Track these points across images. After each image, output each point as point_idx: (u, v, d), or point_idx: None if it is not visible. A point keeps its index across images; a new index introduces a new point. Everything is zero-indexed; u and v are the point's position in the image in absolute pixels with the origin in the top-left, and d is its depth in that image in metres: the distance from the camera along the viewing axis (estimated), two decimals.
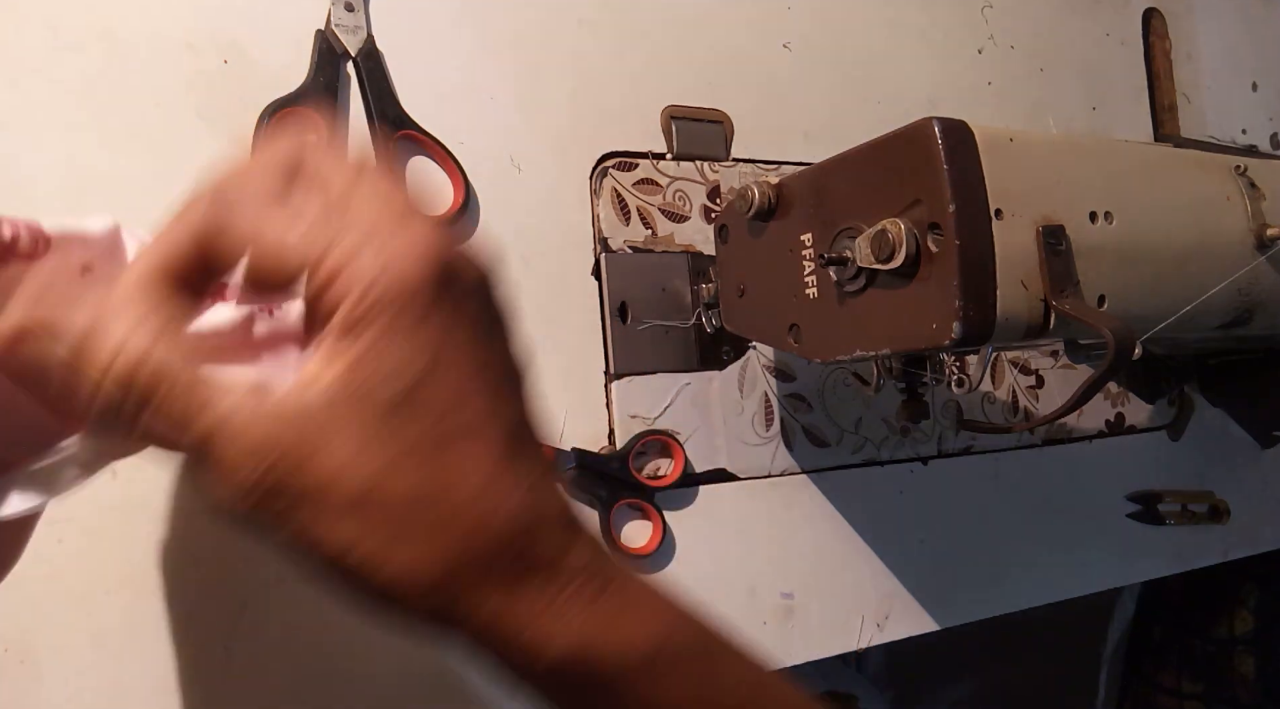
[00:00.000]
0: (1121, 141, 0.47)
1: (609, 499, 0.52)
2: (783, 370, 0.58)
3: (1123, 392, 0.73)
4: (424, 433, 0.22)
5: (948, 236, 0.37)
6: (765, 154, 0.61)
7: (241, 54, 0.46)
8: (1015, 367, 0.68)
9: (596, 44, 0.56)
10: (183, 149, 0.45)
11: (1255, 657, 1.04)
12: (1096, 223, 0.41)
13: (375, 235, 0.22)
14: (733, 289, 0.50)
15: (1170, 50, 0.80)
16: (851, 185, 0.41)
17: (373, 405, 0.21)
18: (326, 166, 0.23)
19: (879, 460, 0.61)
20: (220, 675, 0.43)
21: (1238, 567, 0.80)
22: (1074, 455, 0.70)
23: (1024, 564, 0.66)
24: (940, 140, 0.37)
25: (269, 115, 0.45)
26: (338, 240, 0.21)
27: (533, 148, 0.53)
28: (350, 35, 0.48)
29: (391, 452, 0.21)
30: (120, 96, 0.44)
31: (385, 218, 0.22)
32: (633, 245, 0.55)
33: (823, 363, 0.45)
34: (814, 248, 0.44)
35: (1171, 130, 0.79)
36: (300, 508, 0.21)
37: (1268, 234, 0.47)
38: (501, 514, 0.23)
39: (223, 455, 0.21)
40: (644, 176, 0.56)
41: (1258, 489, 0.78)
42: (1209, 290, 0.45)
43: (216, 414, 0.21)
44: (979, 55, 0.71)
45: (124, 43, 0.44)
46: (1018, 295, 0.38)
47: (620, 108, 0.56)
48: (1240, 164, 0.48)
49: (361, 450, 0.21)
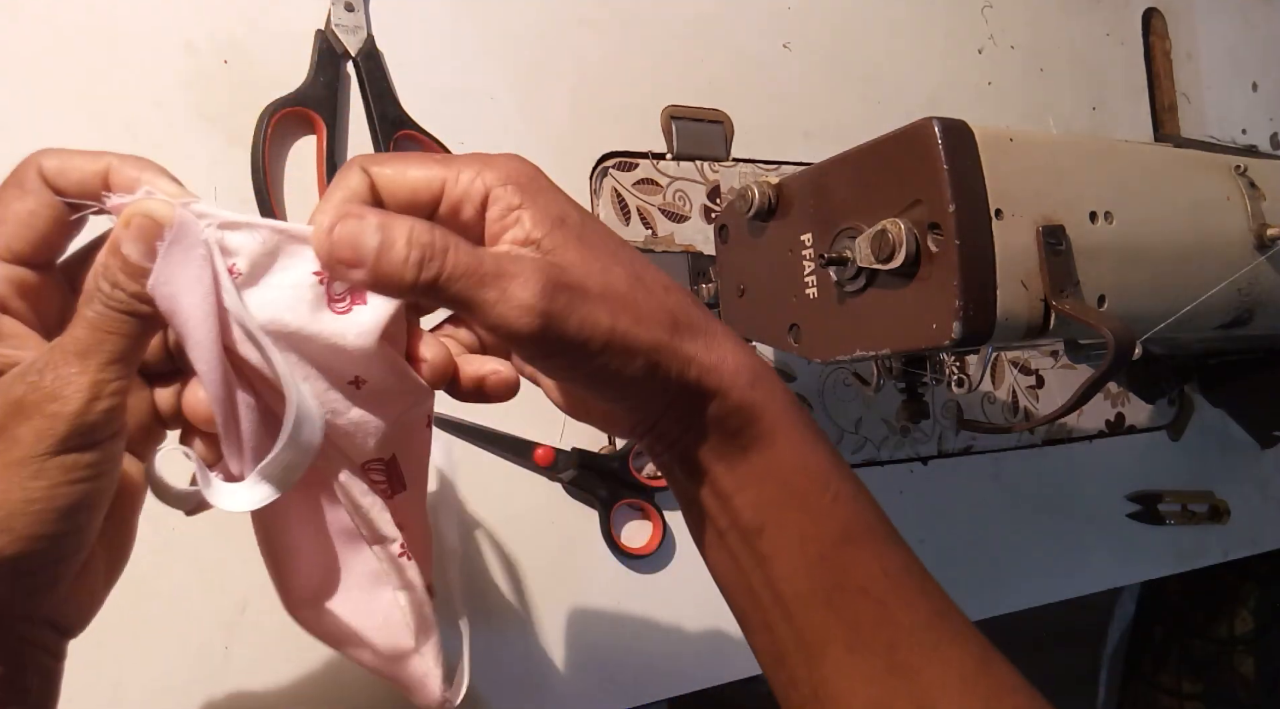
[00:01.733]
0: (1121, 141, 0.47)
1: (609, 499, 0.52)
2: (783, 370, 0.58)
3: (1123, 391, 0.73)
4: (603, 246, 0.29)
5: (948, 236, 0.37)
6: (765, 154, 0.61)
7: (241, 54, 0.47)
8: (1015, 366, 0.68)
9: (596, 44, 0.56)
10: (183, 149, 0.45)
11: (1255, 657, 1.04)
12: (1096, 223, 0.41)
13: (484, 159, 0.29)
14: (733, 289, 0.50)
15: (1170, 50, 0.80)
16: (851, 185, 0.41)
17: (570, 235, 0.28)
18: None
19: (879, 460, 0.61)
20: (220, 675, 0.43)
21: (1238, 567, 0.80)
22: (1074, 455, 0.70)
23: (1024, 564, 0.66)
24: (940, 140, 0.37)
25: (269, 115, 0.45)
26: (464, 164, 0.28)
27: (533, 148, 0.53)
28: (350, 35, 0.48)
29: (599, 265, 0.28)
30: (120, 96, 0.44)
31: (478, 154, 0.29)
32: (633, 245, 0.55)
33: (823, 363, 0.45)
34: (814, 248, 0.44)
35: (1171, 130, 0.79)
36: (575, 302, 0.27)
37: (1268, 234, 0.47)
38: (674, 291, 0.30)
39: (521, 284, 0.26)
40: (644, 176, 0.56)
41: (1258, 489, 0.78)
42: (1209, 290, 0.45)
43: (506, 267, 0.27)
44: (979, 55, 0.71)
45: (124, 42, 0.44)
46: (1018, 295, 0.38)
47: (620, 108, 0.56)
48: (1240, 164, 0.48)
49: (585, 265, 0.28)
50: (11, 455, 0.24)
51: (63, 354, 0.25)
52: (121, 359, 0.25)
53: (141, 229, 0.25)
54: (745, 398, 0.30)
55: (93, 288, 0.25)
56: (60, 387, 0.24)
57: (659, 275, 0.30)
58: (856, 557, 0.31)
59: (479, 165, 0.29)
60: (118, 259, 0.25)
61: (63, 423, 0.24)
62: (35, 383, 0.24)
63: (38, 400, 0.24)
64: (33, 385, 0.24)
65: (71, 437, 0.24)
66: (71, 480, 0.25)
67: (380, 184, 0.28)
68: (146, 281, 0.25)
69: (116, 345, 0.25)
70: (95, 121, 0.43)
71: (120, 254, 0.25)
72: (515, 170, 0.29)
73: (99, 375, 0.25)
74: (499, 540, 0.50)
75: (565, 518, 0.52)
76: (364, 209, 0.26)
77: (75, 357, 0.25)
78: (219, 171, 0.45)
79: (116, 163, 0.27)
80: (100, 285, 0.25)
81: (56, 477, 0.25)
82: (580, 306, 0.27)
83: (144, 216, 0.25)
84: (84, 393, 0.25)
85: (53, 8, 0.43)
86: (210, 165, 0.45)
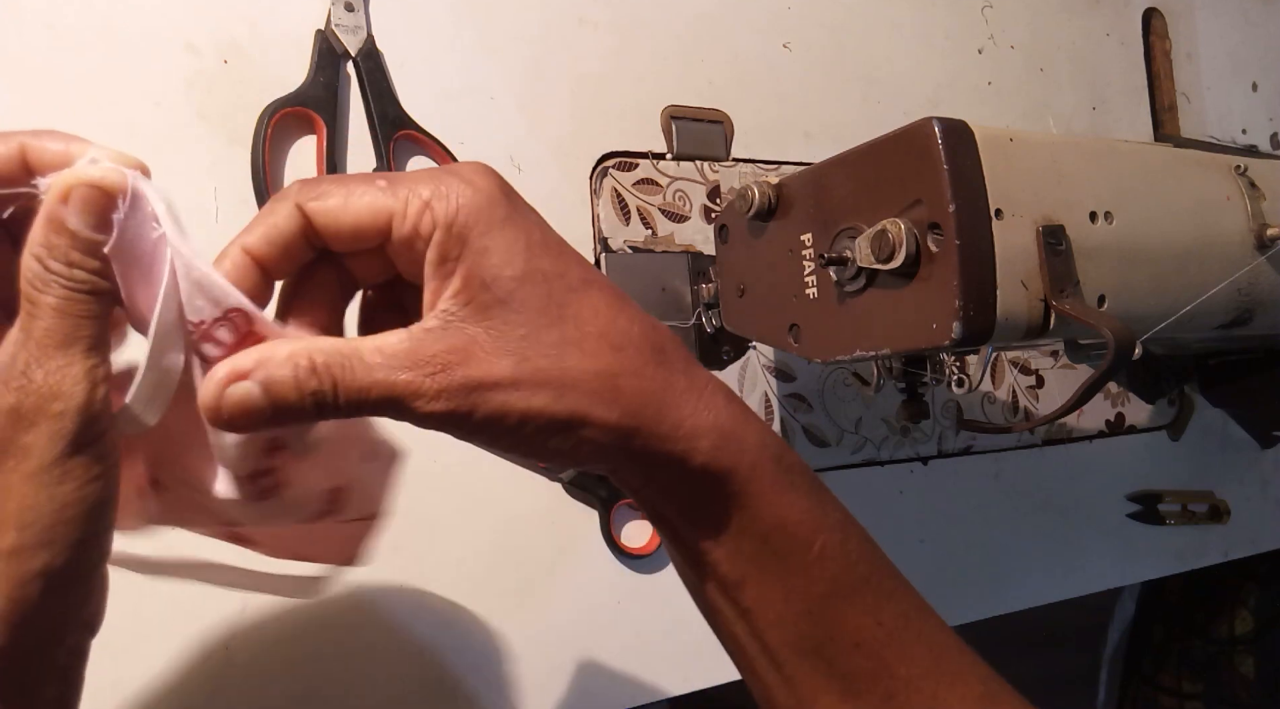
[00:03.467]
0: (1121, 141, 0.47)
1: (609, 499, 0.52)
2: (783, 370, 0.58)
3: (1123, 391, 0.72)
4: (545, 298, 0.26)
5: (948, 236, 0.37)
6: (765, 154, 0.61)
7: (241, 54, 0.46)
8: (1015, 366, 0.68)
9: (596, 44, 0.56)
10: (183, 149, 0.45)
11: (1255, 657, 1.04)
12: (1096, 223, 0.41)
13: (438, 180, 0.26)
14: (733, 289, 0.50)
15: (1170, 50, 0.80)
16: (851, 185, 0.41)
17: (493, 301, 0.25)
18: None
19: (879, 460, 0.61)
20: (220, 675, 0.43)
21: (1238, 567, 0.80)
22: (1074, 455, 0.70)
23: (1024, 564, 0.66)
24: (940, 140, 0.37)
25: (269, 115, 0.45)
26: (412, 190, 0.26)
27: (533, 148, 0.53)
28: (350, 35, 0.48)
29: (522, 332, 0.25)
30: (120, 97, 0.44)
31: (438, 171, 0.27)
32: (633, 245, 0.55)
33: (823, 363, 0.45)
34: (814, 248, 0.44)
35: (1171, 130, 0.79)
36: (477, 395, 0.25)
37: (1268, 234, 0.47)
38: (633, 334, 0.27)
39: (405, 384, 0.25)
40: (644, 176, 0.56)
41: (1258, 489, 0.78)
42: (1209, 290, 0.45)
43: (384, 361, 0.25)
44: (979, 55, 0.71)
45: (124, 43, 0.44)
46: (1018, 295, 0.38)
47: (620, 108, 0.56)
48: (1240, 164, 0.48)
49: (498, 341, 0.25)
50: (28, 466, 0.23)
51: (40, 348, 0.23)
52: (99, 342, 0.24)
53: (88, 201, 0.23)
54: (707, 462, 0.28)
55: (39, 272, 0.23)
56: (57, 383, 0.23)
57: (613, 328, 0.27)
58: (846, 611, 0.29)
59: (429, 192, 0.26)
60: (66, 237, 0.23)
61: (71, 420, 0.23)
62: (25, 385, 0.23)
63: (37, 403, 0.23)
64: (23, 389, 0.23)
65: (83, 432, 0.24)
66: (93, 477, 0.24)
67: (320, 222, 0.26)
68: (100, 256, 0.23)
69: (91, 329, 0.24)
70: (95, 122, 0.43)
71: (69, 231, 0.23)
72: (467, 201, 0.26)
73: (88, 362, 0.24)
74: (499, 540, 0.50)
75: (565, 518, 0.52)
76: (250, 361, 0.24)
77: (56, 349, 0.23)
78: (219, 171, 0.45)
79: (30, 140, 0.25)
80: (52, 267, 0.23)
81: (80, 475, 0.24)
82: (482, 400, 0.25)
83: (90, 187, 0.23)
84: (83, 383, 0.24)
85: (53, 8, 0.43)
86: (210, 165, 0.45)
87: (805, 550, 0.29)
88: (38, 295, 0.23)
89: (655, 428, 0.27)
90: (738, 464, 0.28)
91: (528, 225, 0.27)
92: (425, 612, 0.47)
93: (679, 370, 0.28)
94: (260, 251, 0.26)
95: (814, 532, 0.29)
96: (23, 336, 0.23)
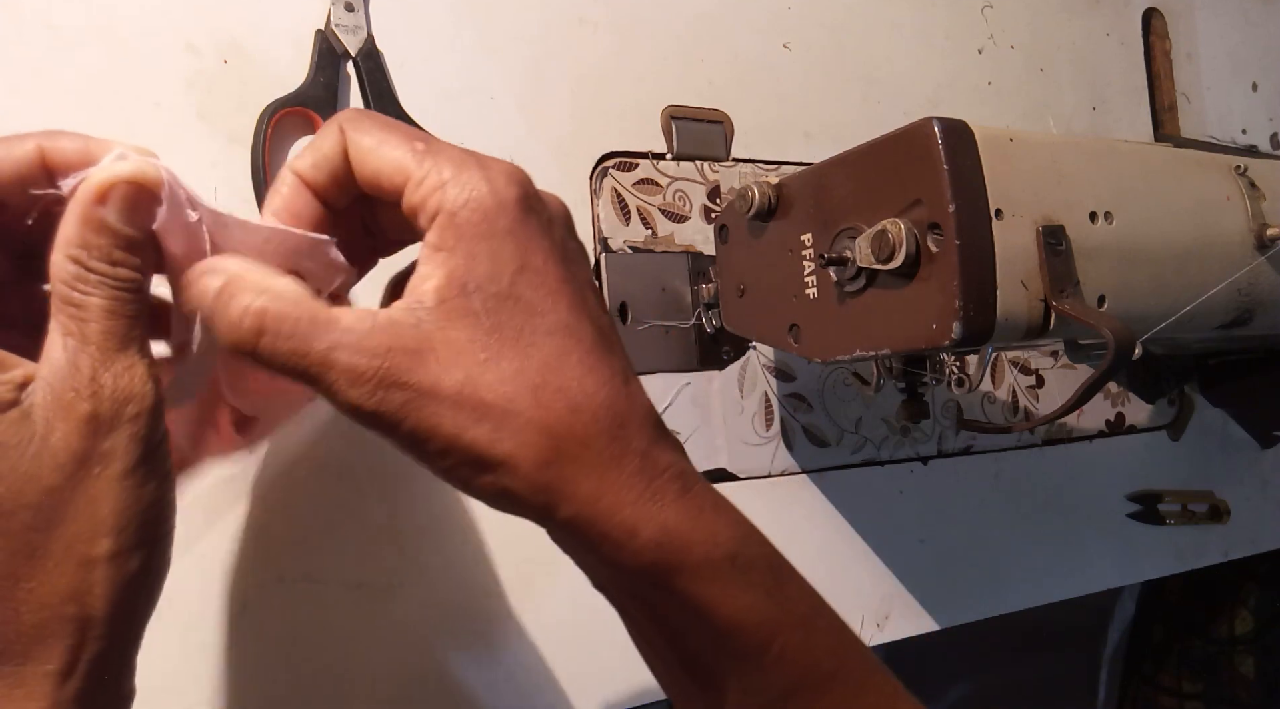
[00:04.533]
0: (1121, 141, 0.47)
1: None
2: (783, 370, 0.58)
3: (1123, 391, 0.72)
4: (515, 333, 0.24)
5: (948, 236, 0.37)
6: (765, 154, 0.61)
7: (241, 54, 0.46)
8: (1015, 366, 0.68)
9: (596, 44, 0.56)
10: (183, 149, 0.45)
11: (1255, 657, 1.04)
12: (1096, 223, 0.41)
13: (465, 166, 0.25)
14: (733, 289, 0.50)
15: (1170, 50, 0.80)
16: (851, 185, 0.41)
17: (467, 310, 0.24)
18: None
19: (879, 460, 0.61)
20: (220, 675, 0.43)
21: (1238, 567, 0.80)
22: (1074, 455, 0.70)
23: (1024, 564, 0.66)
24: (940, 140, 0.37)
25: (269, 115, 0.45)
26: (437, 165, 0.25)
27: (533, 147, 0.53)
28: (350, 35, 0.48)
29: (485, 353, 0.24)
30: (120, 97, 0.44)
31: (472, 157, 0.26)
32: (633, 245, 0.55)
33: (823, 363, 0.45)
34: (814, 248, 0.44)
35: (1171, 130, 0.79)
36: (414, 402, 0.24)
37: (1268, 234, 0.47)
38: (597, 399, 0.25)
39: (343, 364, 0.24)
40: (644, 176, 0.56)
41: (1258, 489, 0.78)
42: (1209, 290, 0.45)
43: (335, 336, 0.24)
44: (979, 55, 0.71)
45: (124, 43, 0.44)
46: (1018, 295, 0.38)
47: (620, 108, 0.56)
48: (1240, 164, 0.48)
49: (457, 353, 0.24)
50: (113, 471, 0.23)
51: (102, 352, 0.23)
52: (145, 339, 0.24)
53: (128, 198, 0.23)
54: (642, 558, 0.25)
55: (77, 273, 0.23)
56: (126, 385, 0.23)
57: (577, 387, 0.25)
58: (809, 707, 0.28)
59: (450, 174, 0.25)
60: (108, 236, 0.23)
61: (146, 421, 0.23)
62: (95, 392, 0.23)
63: (113, 408, 0.23)
64: (93, 395, 0.23)
65: (156, 430, 0.24)
66: (166, 473, 0.24)
67: (352, 154, 0.26)
68: (144, 252, 0.24)
69: (140, 328, 0.24)
70: (95, 122, 0.43)
71: (110, 230, 0.23)
72: (479, 199, 0.25)
73: (145, 360, 0.24)
74: (499, 539, 0.50)
75: None
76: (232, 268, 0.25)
77: (117, 351, 0.23)
78: (219, 171, 0.45)
79: (46, 142, 0.24)
80: (96, 267, 0.23)
81: (159, 473, 0.24)
82: (416, 408, 0.24)
83: (130, 184, 0.23)
84: (150, 383, 0.24)
85: (53, 8, 0.43)
86: (210, 165, 0.45)
87: (762, 651, 0.27)
88: (83, 298, 0.23)
89: (587, 507, 0.25)
90: (680, 564, 0.26)
91: (530, 246, 0.25)
92: (425, 611, 0.47)
93: (635, 451, 0.25)
94: (310, 177, 0.27)
95: (772, 632, 0.27)
96: (77, 342, 0.23)
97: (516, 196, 0.25)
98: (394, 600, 0.47)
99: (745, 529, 0.28)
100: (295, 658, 0.44)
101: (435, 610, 0.47)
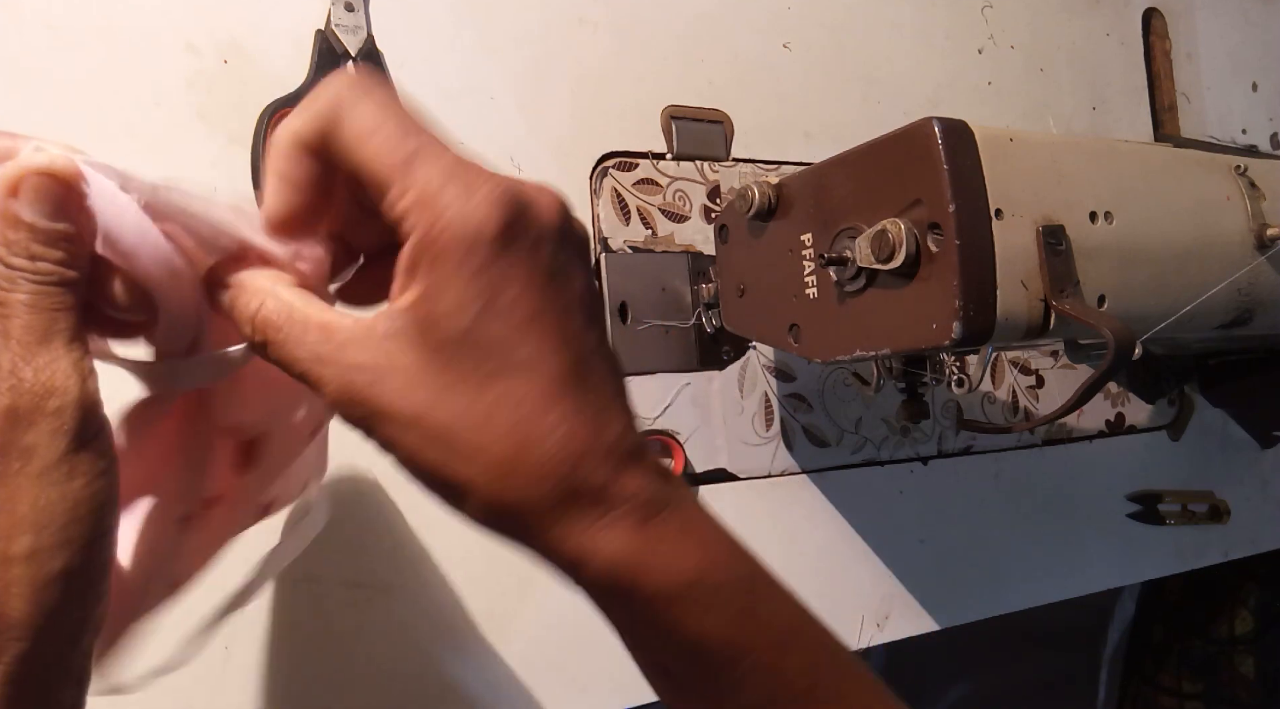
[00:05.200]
0: (1121, 141, 0.47)
1: None
2: (783, 370, 0.58)
3: (1123, 391, 0.73)
4: (472, 368, 0.24)
5: (948, 236, 0.37)
6: (765, 154, 0.61)
7: (241, 54, 0.46)
8: (1015, 366, 0.68)
9: (596, 44, 0.56)
10: (183, 149, 0.45)
11: (1255, 657, 1.04)
12: (1096, 223, 0.41)
13: (450, 184, 0.24)
14: (733, 289, 0.50)
15: (1170, 50, 0.80)
16: (851, 185, 0.41)
17: (429, 339, 0.24)
18: None
19: (879, 460, 0.61)
20: (220, 675, 0.43)
21: (1238, 567, 0.80)
22: (1074, 455, 0.70)
23: (1024, 564, 0.66)
24: (940, 140, 0.37)
25: (269, 115, 0.45)
26: (422, 178, 0.24)
27: (533, 147, 0.53)
28: (350, 35, 0.48)
29: (441, 382, 0.24)
30: (120, 97, 0.44)
31: (461, 172, 0.24)
32: (633, 245, 0.55)
33: (823, 363, 0.45)
34: (814, 248, 0.44)
35: (1171, 130, 0.79)
36: (375, 419, 0.24)
37: (1268, 234, 0.47)
38: (553, 436, 0.25)
39: (319, 375, 0.25)
40: (644, 176, 0.56)
41: (1258, 489, 0.78)
42: (1209, 290, 0.45)
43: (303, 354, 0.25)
44: (979, 55, 0.71)
45: (124, 43, 0.44)
46: (1018, 295, 0.38)
47: (620, 108, 0.56)
48: (1240, 164, 0.48)
49: (415, 379, 0.24)
50: (34, 466, 0.23)
51: (23, 346, 0.23)
52: (79, 333, 0.24)
53: (40, 190, 0.23)
54: (596, 585, 0.26)
55: (1, 271, 0.23)
56: (48, 378, 0.23)
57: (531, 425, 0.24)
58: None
59: (438, 188, 0.24)
60: (24, 231, 0.23)
61: (71, 415, 0.23)
62: (17, 385, 0.22)
63: (33, 401, 0.22)
64: (15, 389, 0.22)
65: (84, 425, 0.23)
66: (100, 472, 0.24)
67: (342, 135, 0.25)
68: (67, 245, 0.23)
69: (68, 321, 0.23)
70: (95, 122, 0.43)
71: (26, 224, 0.23)
72: (456, 227, 0.24)
73: (72, 354, 0.23)
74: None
75: None
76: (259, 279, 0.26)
77: (38, 345, 0.23)
78: (219, 171, 0.45)
79: None
80: (14, 264, 0.23)
81: (88, 471, 0.23)
82: (379, 424, 0.24)
83: (41, 175, 0.23)
84: (76, 376, 0.23)
85: (53, 8, 0.43)
86: (210, 165, 0.45)
87: (732, 668, 0.27)
88: (5, 295, 0.23)
89: (538, 538, 0.26)
90: (631, 592, 0.26)
91: (505, 279, 0.24)
92: (425, 610, 0.47)
93: (592, 484, 0.25)
94: (308, 139, 0.26)
95: (738, 654, 0.27)
96: (0, 339, 0.23)
97: (498, 227, 0.24)
98: (394, 600, 0.47)
99: (716, 552, 0.28)
100: (295, 657, 0.44)
101: (435, 610, 0.47)
